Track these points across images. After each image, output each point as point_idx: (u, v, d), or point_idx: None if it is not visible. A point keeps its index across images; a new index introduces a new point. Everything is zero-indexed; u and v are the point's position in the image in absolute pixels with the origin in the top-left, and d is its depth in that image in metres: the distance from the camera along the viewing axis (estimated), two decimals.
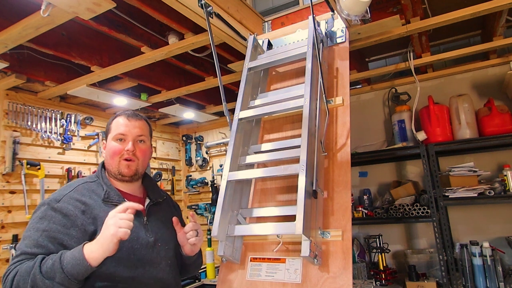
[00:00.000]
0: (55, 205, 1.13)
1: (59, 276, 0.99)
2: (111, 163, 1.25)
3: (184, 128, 4.32)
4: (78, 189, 1.20)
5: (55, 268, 1.00)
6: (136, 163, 1.26)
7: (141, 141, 1.29)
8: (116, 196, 1.22)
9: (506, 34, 2.42)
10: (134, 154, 1.25)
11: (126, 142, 1.26)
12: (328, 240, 1.26)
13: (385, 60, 3.22)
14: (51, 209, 1.13)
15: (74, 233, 1.10)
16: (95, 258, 1.01)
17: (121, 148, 1.25)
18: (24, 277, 1.00)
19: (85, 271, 1.01)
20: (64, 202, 1.14)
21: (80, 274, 1.00)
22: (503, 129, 2.50)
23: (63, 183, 2.88)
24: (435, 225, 2.48)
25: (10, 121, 2.60)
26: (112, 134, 1.27)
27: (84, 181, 1.25)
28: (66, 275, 0.99)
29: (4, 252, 2.43)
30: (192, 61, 2.61)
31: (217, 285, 1.40)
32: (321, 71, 1.44)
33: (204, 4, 1.50)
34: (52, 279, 0.99)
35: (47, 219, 1.11)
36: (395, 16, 1.89)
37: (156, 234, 1.25)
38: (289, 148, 1.40)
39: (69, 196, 1.16)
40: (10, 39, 1.86)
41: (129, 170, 1.25)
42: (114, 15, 1.97)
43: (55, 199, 1.15)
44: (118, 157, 1.24)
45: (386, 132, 3.23)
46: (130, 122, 1.28)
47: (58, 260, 1.01)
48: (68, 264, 1.00)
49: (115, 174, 1.26)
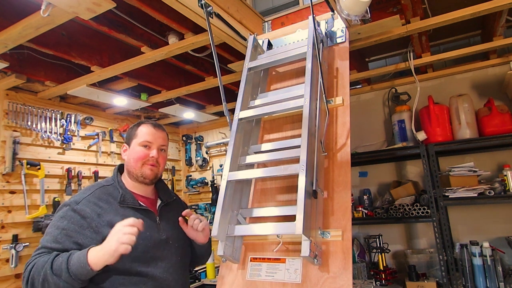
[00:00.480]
0: (75, 207, 1.25)
1: (65, 275, 1.10)
2: (134, 165, 1.37)
3: (184, 128, 4.32)
4: (95, 193, 1.31)
5: (62, 267, 1.11)
6: (157, 168, 1.40)
7: (162, 150, 1.43)
8: (131, 198, 1.34)
9: (506, 34, 2.42)
10: (157, 160, 1.39)
11: (151, 149, 1.39)
12: (328, 240, 1.26)
13: (385, 60, 3.22)
14: (71, 210, 1.25)
15: (89, 234, 1.21)
16: (97, 264, 1.11)
17: (147, 154, 1.38)
18: (39, 270, 1.13)
19: (87, 273, 1.11)
20: (82, 205, 1.26)
21: (82, 276, 1.11)
22: (503, 129, 2.49)
23: (63, 183, 2.89)
24: (435, 225, 2.48)
25: (10, 121, 2.60)
26: (138, 140, 1.39)
27: (101, 185, 1.36)
28: (70, 275, 1.10)
29: (4, 252, 2.43)
30: (192, 61, 2.61)
31: (217, 285, 1.40)
32: (321, 71, 1.44)
33: (204, 4, 1.50)
34: (59, 276, 1.10)
35: (67, 219, 1.23)
36: (395, 16, 1.89)
37: (167, 233, 1.37)
38: (289, 148, 1.40)
39: (87, 200, 1.28)
40: (10, 39, 1.86)
41: (151, 174, 1.38)
42: (114, 15, 1.97)
43: (75, 201, 1.27)
44: (142, 161, 1.37)
45: (386, 132, 3.23)
46: (155, 132, 1.42)
47: (66, 260, 1.12)
48: (73, 265, 1.11)
49: (137, 177, 1.37)
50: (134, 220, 1.17)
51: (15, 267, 2.45)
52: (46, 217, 2.65)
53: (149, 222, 1.31)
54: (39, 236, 2.62)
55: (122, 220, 1.18)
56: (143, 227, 1.21)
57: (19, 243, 2.48)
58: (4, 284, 2.42)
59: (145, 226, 1.24)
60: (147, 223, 1.28)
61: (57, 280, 1.10)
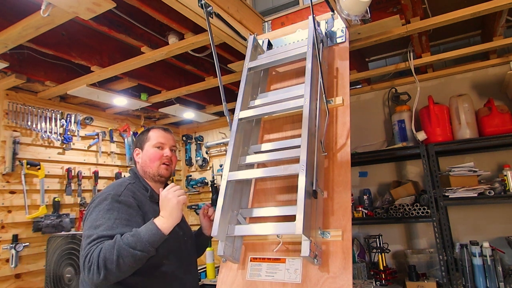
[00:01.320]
0: (119, 199, 1.35)
1: (140, 245, 1.21)
2: (151, 166, 1.52)
3: (184, 128, 4.32)
4: (129, 188, 1.44)
5: (135, 239, 1.21)
6: (171, 167, 1.57)
7: (173, 150, 1.59)
8: (157, 196, 1.47)
9: (506, 34, 2.42)
10: (170, 159, 1.55)
11: (164, 149, 1.54)
12: (328, 240, 1.26)
13: (385, 60, 3.21)
14: (116, 202, 1.34)
15: (139, 220, 1.34)
16: (167, 228, 1.28)
17: (161, 154, 1.53)
18: (110, 249, 1.19)
19: (159, 239, 1.25)
20: (125, 196, 1.37)
21: (155, 242, 1.24)
22: (503, 129, 2.49)
23: (63, 183, 2.89)
24: (435, 225, 2.48)
25: (10, 121, 2.60)
26: (151, 143, 1.54)
27: (128, 182, 1.48)
28: (146, 243, 1.21)
29: (4, 252, 2.43)
30: (192, 61, 2.61)
31: (217, 285, 1.40)
32: (321, 71, 1.44)
33: (204, 4, 1.50)
34: (135, 248, 1.20)
35: (115, 210, 1.32)
36: (395, 16, 1.89)
37: (183, 230, 1.51)
38: (289, 148, 1.40)
39: (125, 193, 1.39)
40: (10, 39, 1.86)
41: (167, 172, 1.54)
42: (114, 15, 1.97)
43: (117, 194, 1.37)
44: (159, 161, 1.52)
45: (386, 132, 3.23)
46: (166, 134, 1.59)
47: (135, 234, 1.23)
48: (145, 235, 1.23)
49: (154, 176, 1.52)
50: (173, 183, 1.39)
51: (15, 267, 2.45)
52: (46, 217, 2.66)
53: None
54: (39, 236, 2.63)
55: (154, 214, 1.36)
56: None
57: (19, 243, 2.48)
58: (4, 284, 2.42)
59: None
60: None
61: (133, 251, 1.19)
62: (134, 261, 1.20)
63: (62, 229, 2.71)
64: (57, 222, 2.70)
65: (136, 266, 1.23)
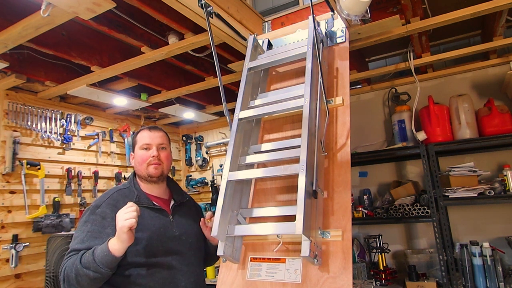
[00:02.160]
0: (96, 211, 1.40)
1: (93, 266, 1.23)
2: (140, 168, 1.51)
3: (184, 128, 4.32)
4: (113, 196, 1.46)
5: (89, 260, 1.24)
6: (161, 166, 1.53)
7: (163, 148, 1.56)
8: (146, 199, 1.48)
9: (506, 34, 2.42)
10: (159, 158, 1.52)
11: (150, 150, 1.52)
12: (328, 240, 1.26)
13: (385, 60, 3.21)
14: (93, 214, 1.39)
15: (110, 231, 1.33)
16: (117, 250, 1.24)
17: (148, 155, 1.51)
18: (70, 268, 1.27)
19: (111, 260, 1.24)
20: (102, 207, 1.41)
21: (108, 263, 1.24)
22: (503, 129, 2.49)
23: (63, 183, 2.89)
24: (435, 225, 2.48)
25: (10, 121, 2.60)
26: (138, 145, 1.54)
27: (118, 189, 1.51)
28: (98, 264, 1.23)
29: (4, 252, 2.43)
30: (192, 61, 2.61)
31: (217, 285, 1.40)
32: (321, 71, 1.43)
33: (204, 4, 1.50)
34: (88, 268, 1.24)
35: (90, 222, 1.38)
36: (395, 16, 1.89)
37: (180, 229, 1.50)
38: (289, 148, 1.40)
39: (106, 203, 1.43)
40: (10, 39, 1.86)
41: (156, 171, 1.50)
42: (114, 15, 1.97)
43: (96, 206, 1.42)
44: (146, 162, 1.50)
45: (386, 132, 3.23)
46: (152, 134, 1.55)
47: (91, 253, 1.26)
48: (98, 256, 1.24)
49: (145, 177, 1.51)
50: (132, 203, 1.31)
51: (15, 267, 2.45)
52: (46, 217, 2.66)
53: (162, 219, 1.46)
54: (39, 236, 2.63)
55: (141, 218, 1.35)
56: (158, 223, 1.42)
57: (19, 243, 2.48)
58: (4, 284, 2.42)
59: (159, 223, 1.44)
60: (161, 221, 1.45)
61: (87, 271, 1.23)
62: (89, 280, 1.24)
63: (62, 229, 2.71)
64: (57, 222, 2.70)
65: (95, 284, 1.27)
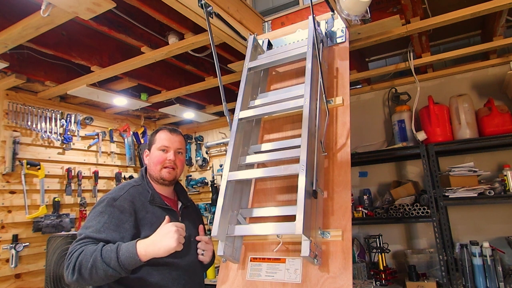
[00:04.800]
0: (114, 203, 1.37)
1: (114, 263, 1.20)
2: (154, 169, 1.50)
3: (184, 128, 4.32)
4: (130, 192, 1.44)
5: (112, 256, 1.21)
6: (176, 171, 1.53)
7: (179, 153, 1.55)
8: (159, 199, 1.48)
9: (506, 34, 2.42)
10: (175, 163, 1.51)
11: (168, 153, 1.51)
12: (328, 240, 1.26)
13: (385, 60, 3.21)
14: (110, 206, 1.36)
15: (128, 227, 1.34)
16: (146, 256, 1.24)
17: (165, 157, 1.50)
18: (87, 257, 1.21)
19: (134, 263, 1.23)
20: (121, 201, 1.38)
21: (130, 265, 1.23)
22: (503, 129, 2.49)
23: (63, 183, 2.89)
24: (435, 225, 2.48)
25: (10, 121, 2.60)
26: (156, 145, 1.52)
27: (132, 185, 1.48)
28: (119, 263, 1.20)
29: (4, 252, 2.43)
30: (192, 61, 2.61)
31: (217, 285, 1.40)
32: (321, 71, 1.44)
33: (204, 4, 1.50)
34: (108, 264, 1.20)
35: (107, 213, 1.34)
36: (395, 16, 1.89)
37: (189, 231, 1.47)
38: (289, 148, 1.40)
39: (124, 197, 1.40)
40: (10, 39, 1.86)
41: (170, 176, 1.50)
42: (114, 15, 1.97)
43: (113, 198, 1.38)
44: (161, 165, 1.49)
45: (386, 132, 3.23)
46: (172, 136, 1.54)
47: (115, 250, 1.22)
48: (123, 255, 1.22)
49: (157, 179, 1.50)
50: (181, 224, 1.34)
51: (15, 267, 2.45)
52: (46, 217, 2.66)
53: (173, 220, 1.42)
54: (39, 236, 2.63)
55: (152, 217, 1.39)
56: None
57: (19, 243, 2.48)
58: (4, 284, 2.42)
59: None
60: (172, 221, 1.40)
61: (106, 267, 1.19)
62: (104, 275, 1.21)
63: (62, 229, 2.71)
64: (57, 222, 2.70)
65: (108, 280, 1.24)
